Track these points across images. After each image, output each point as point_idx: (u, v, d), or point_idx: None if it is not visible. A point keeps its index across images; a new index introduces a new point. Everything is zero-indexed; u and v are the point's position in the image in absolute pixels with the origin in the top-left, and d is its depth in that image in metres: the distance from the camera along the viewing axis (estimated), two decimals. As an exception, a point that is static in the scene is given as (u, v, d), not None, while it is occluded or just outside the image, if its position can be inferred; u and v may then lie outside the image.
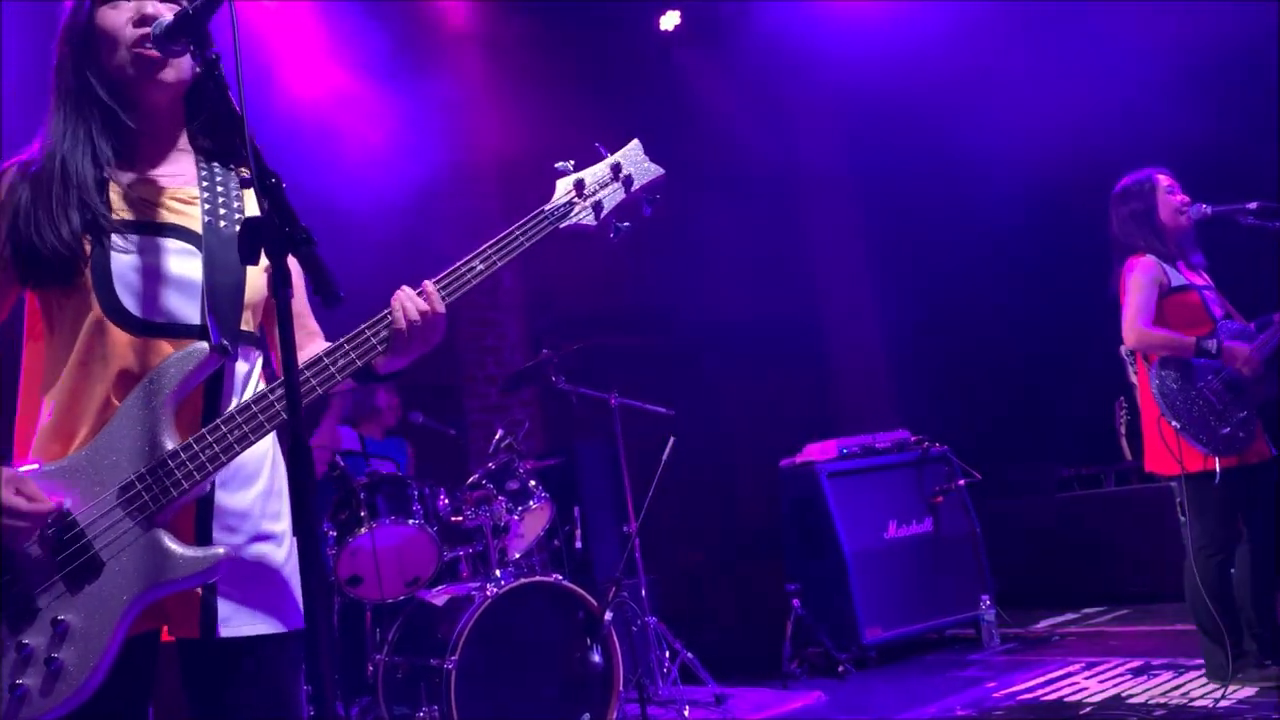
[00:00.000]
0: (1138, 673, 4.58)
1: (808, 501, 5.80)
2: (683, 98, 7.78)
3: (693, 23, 7.64)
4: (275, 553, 1.83)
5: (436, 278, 1.87)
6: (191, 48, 1.73)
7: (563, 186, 2.04)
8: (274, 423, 1.72)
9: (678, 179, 2.16)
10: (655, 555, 5.96)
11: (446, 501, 4.50)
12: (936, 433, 6.21)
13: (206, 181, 1.88)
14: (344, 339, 1.80)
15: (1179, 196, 4.20)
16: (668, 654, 5.10)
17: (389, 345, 1.80)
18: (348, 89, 5.86)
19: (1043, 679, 4.73)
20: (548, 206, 2.01)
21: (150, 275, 1.77)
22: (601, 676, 4.15)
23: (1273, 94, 5.71)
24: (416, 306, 1.80)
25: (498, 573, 4.22)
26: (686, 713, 4.74)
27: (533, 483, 4.64)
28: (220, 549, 1.69)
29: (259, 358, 1.91)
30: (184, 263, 1.80)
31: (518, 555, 4.67)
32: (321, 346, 1.84)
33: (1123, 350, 4.31)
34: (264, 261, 1.81)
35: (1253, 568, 4.02)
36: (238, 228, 1.81)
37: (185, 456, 1.68)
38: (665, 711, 4.84)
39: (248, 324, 1.85)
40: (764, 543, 7.51)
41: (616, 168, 2.08)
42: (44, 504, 1.63)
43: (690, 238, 7.78)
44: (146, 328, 1.75)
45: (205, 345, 1.74)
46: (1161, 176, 4.26)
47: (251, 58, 5.43)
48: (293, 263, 1.55)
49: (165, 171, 1.88)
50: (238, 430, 1.70)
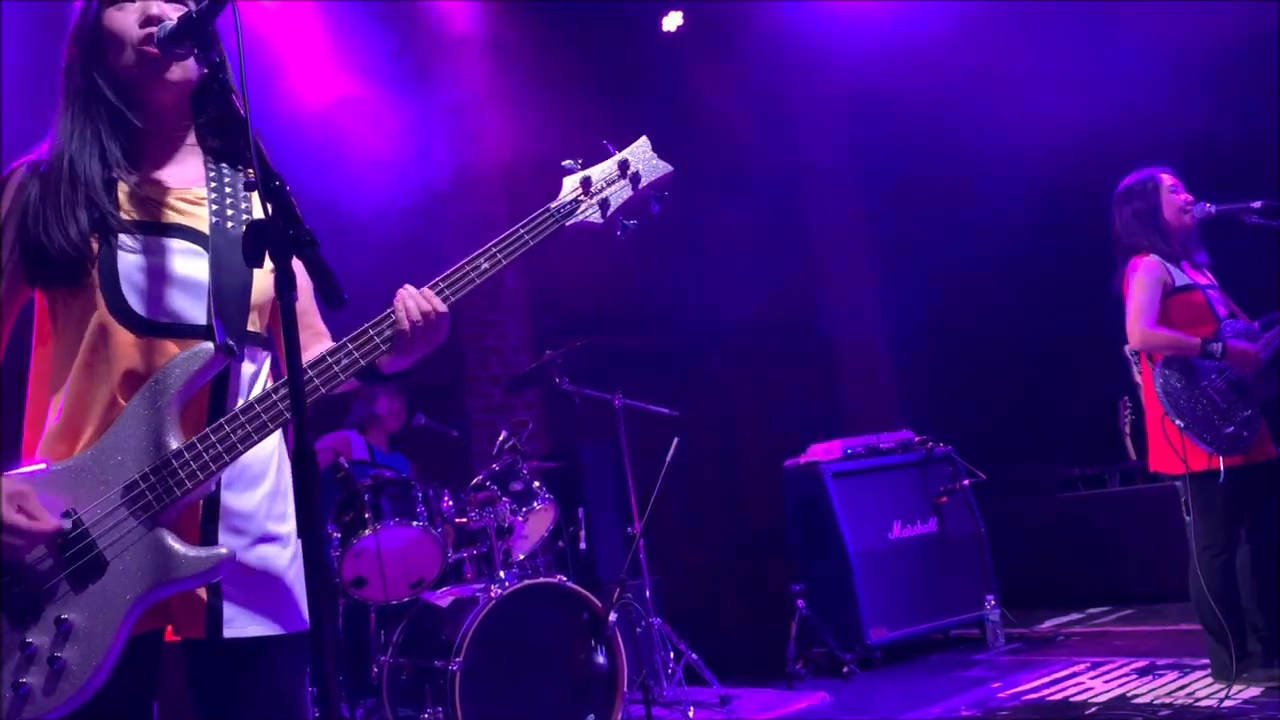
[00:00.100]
0: (1143, 673, 4.57)
1: (812, 502, 5.79)
2: (686, 98, 7.78)
3: (695, 23, 7.64)
4: (280, 554, 1.83)
5: (441, 276, 1.87)
6: (196, 50, 1.74)
7: (569, 184, 2.03)
8: (277, 422, 1.72)
9: (681, 179, 2.16)
10: (659, 556, 5.97)
11: (450, 503, 4.50)
12: (941, 433, 6.20)
13: (214, 182, 1.88)
14: (347, 338, 1.80)
15: (1182, 195, 4.19)
16: (672, 655, 5.09)
17: (392, 344, 1.80)
18: (352, 92, 5.86)
19: (1048, 679, 4.72)
20: (554, 204, 2.00)
21: (156, 275, 1.77)
22: (606, 678, 4.15)
23: (1274, 92, 5.71)
24: (419, 306, 1.80)
25: (502, 574, 4.22)
26: (691, 714, 4.74)
27: (537, 484, 4.64)
28: (223, 549, 1.69)
29: (266, 359, 1.91)
30: (190, 263, 1.80)
31: (522, 557, 4.66)
32: (325, 346, 1.84)
33: (1127, 350, 4.31)
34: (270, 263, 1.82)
35: (1257, 567, 4.01)
36: (245, 229, 1.81)
37: (189, 456, 1.68)
38: (670, 712, 4.84)
39: (254, 325, 1.85)
40: (768, 543, 7.51)
41: (624, 165, 2.07)
42: (44, 523, 1.62)
43: (694, 237, 7.78)
44: (152, 328, 1.75)
45: (210, 345, 1.74)
46: (1165, 175, 4.25)
47: (257, 61, 5.47)
48: (298, 265, 1.56)
49: (173, 172, 1.89)
50: (241, 430, 1.70)
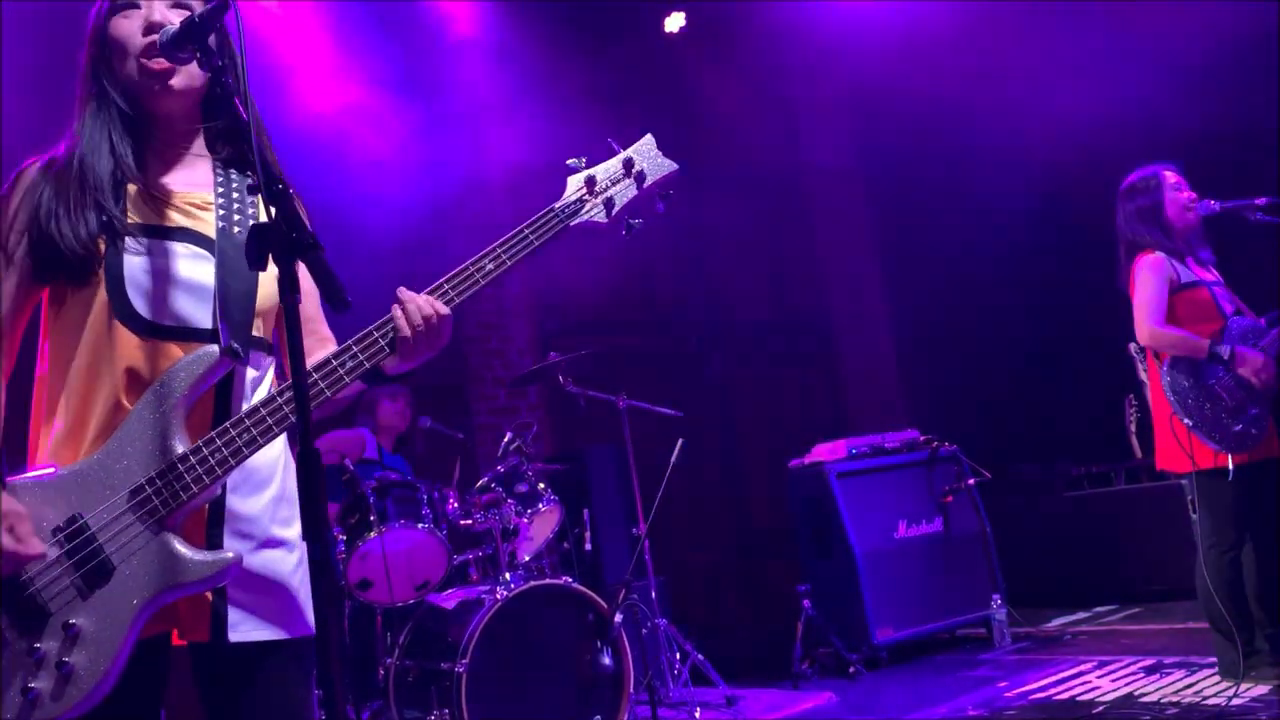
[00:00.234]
0: (1150, 671, 4.56)
1: (817, 502, 5.79)
2: (689, 98, 7.79)
3: (698, 23, 7.64)
4: (286, 559, 1.83)
5: (446, 277, 1.87)
6: (198, 55, 1.74)
7: (574, 183, 2.02)
8: (282, 426, 1.72)
9: (684, 179, 2.15)
10: (665, 557, 5.96)
11: (455, 505, 4.50)
12: (946, 432, 6.19)
13: (222, 187, 1.89)
14: (351, 341, 1.80)
15: (1186, 193, 4.18)
16: (678, 656, 5.09)
17: (396, 347, 1.80)
18: (357, 98, 5.87)
19: (1054, 678, 4.71)
20: (558, 204, 1.99)
21: (162, 278, 1.78)
22: (612, 679, 4.15)
23: (1275, 90, 5.70)
24: (420, 310, 1.80)
25: (507, 576, 4.22)
26: (697, 714, 4.74)
27: (541, 485, 4.64)
28: (229, 553, 1.69)
29: (271, 364, 1.92)
30: (196, 267, 1.81)
31: (527, 558, 4.67)
32: (332, 351, 1.84)
33: (1132, 347, 4.30)
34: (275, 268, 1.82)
35: (1264, 565, 4.00)
36: (248, 232, 1.82)
37: (194, 460, 1.68)
38: (676, 713, 4.84)
39: (260, 330, 1.86)
40: (773, 543, 7.52)
41: (629, 163, 2.06)
42: (31, 547, 1.62)
43: (697, 238, 7.79)
44: (156, 330, 1.76)
45: (216, 349, 1.74)
46: (1168, 173, 4.23)
47: (263, 68, 5.47)
48: (303, 269, 1.56)
49: (181, 177, 1.89)
50: (246, 434, 1.70)
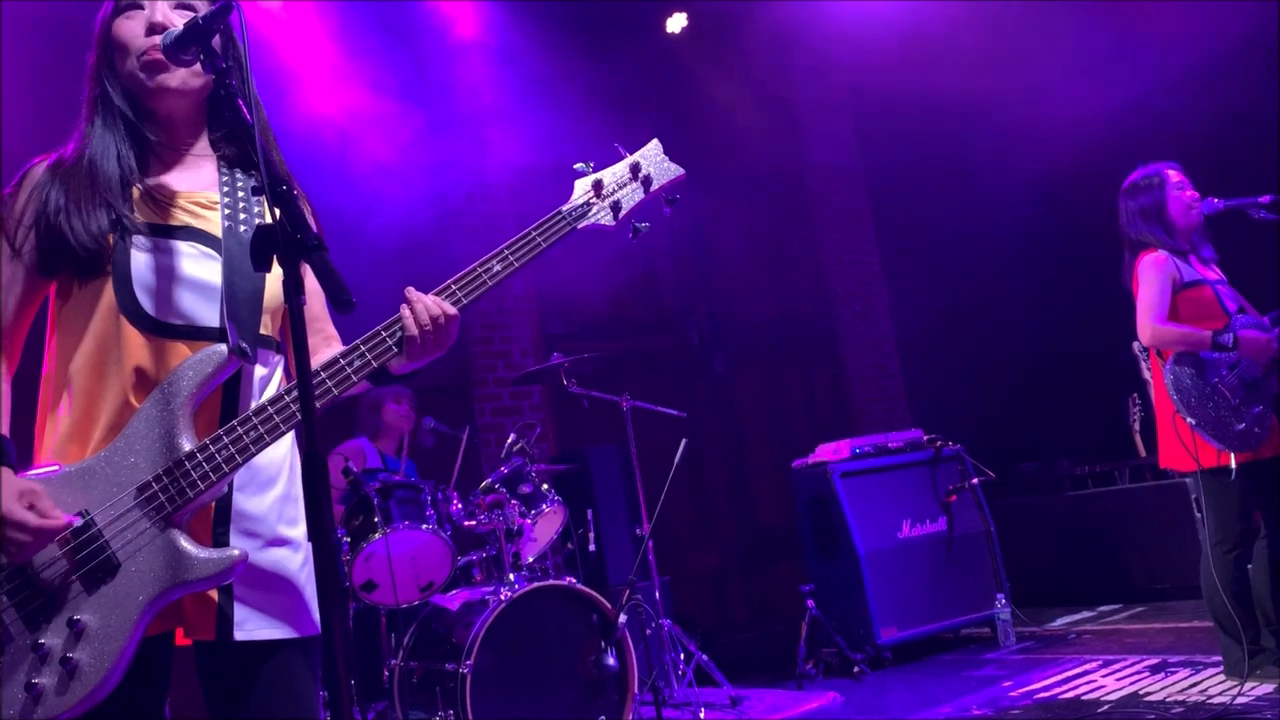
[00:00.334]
0: (1155, 670, 4.56)
1: (821, 502, 5.79)
2: (692, 99, 7.79)
3: (700, 24, 7.64)
4: (292, 558, 1.83)
5: (454, 278, 1.88)
6: (202, 57, 1.75)
7: (581, 187, 2.04)
8: (289, 424, 1.73)
9: (689, 180, 2.17)
10: (669, 558, 5.96)
11: (459, 506, 4.51)
12: (949, 431, 6.19)
13: (227, 187, 1.90)
14: (359, 341, 1.81)
15: (1189, 192, 4.17)
16: (682, 656, 5.09)
17: (404, 347, 1.81)
18: (361, 101, 5.88)
19: (1059, 677, 4.71)
20: (565, 207, 2.01)
21: (169, 277, 1.79)
22: (616, 679, 4.15)
23: (1275, 88, 5.70)
24: (428, 310, 1.81)
25: (511, 577, 4.22)
26: (702, 715, 4.74)
27: (545, 486, 4.65)
28: (235, 551, 1.69)
29: (278, 363, 1.93)
30: (203, 266, 1.82)
31: (531, 559, 4.67)
32: (337, 349, 1.85)
33: (1135, 346, 4.29)
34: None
35: (1270, 563, 4.00)
36: (252, 233, 1.83)
37: (202, 458, 1.69)
38: (680, 714, 4.83)
39: (266, 329, 1.86)
40: (777, 544, 7.52)
41: (635, 167, 2.08)
42: (54, 520, 1.62)
43: (700, 238, 7.79)
44: (163, 329, 1.77)
45: (224, 348, 1.74)
46: (1171, 171, 4.22)
47: (267, 72, 5.47)
48: (307, 270, 1.56)
49: (186, 176, 1.90)
50: (254, 432, 1.71)
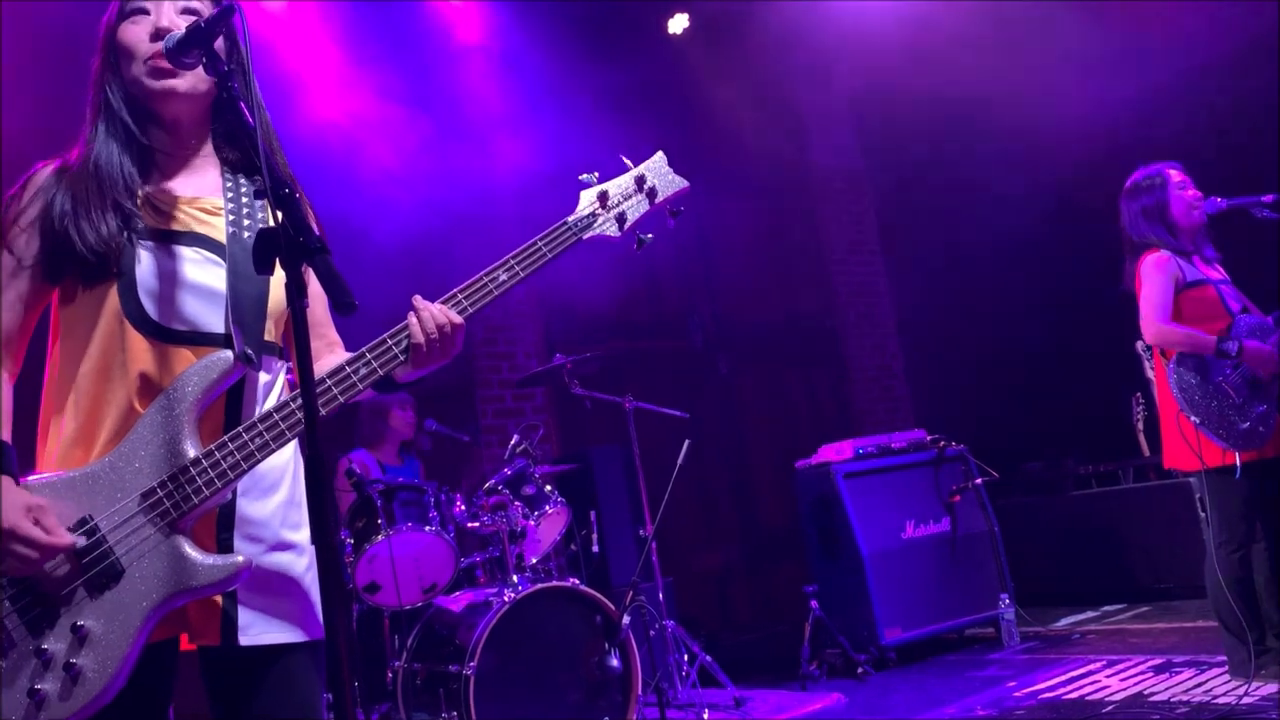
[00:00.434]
0: (1159, 670, 4.55)
1: (824, 502, 5.79)
2: (695, 100, 7.78)
3: (702, 25, 7.63)
4: (296, 562, 1.83)
5: (460, 287, 1.88)
6: (204, 60, 1.75)
7: (586, 198, 2.05)
8: (295, 430, 1.73)
9: (692, 181, 2.17)
10: (672, 558, 5.96)
11: (463, 508, 4.51)
12: (953, 432, 6.19)
13: (231, 193, 1.90)
14: (366, 348, 1.81)
15: (1191, 191, 4.17)
16: (686, 657, 5.09)
17: (410, 355, 1.81)
18: (365, 107, 5.88)
19: (1064, 677, 4.70)
20: (571, 218, 2.02)
21: (174, 282, 1.78)
22: (620, 680, 4.15)
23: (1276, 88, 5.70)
24: (434, 319, 1.81)
25: (515, 578, 4.22)
26: (706, 716, 4.73)
27: (548, 488, 4.65)
28: (240, 557, 1.69)
29: (281, 369, 1.93)
30: (208, 271, 1.81)
31: (534, 560, 4.67)
32: (342, 357, 1.85)
33: (1139, 346, 4.29)
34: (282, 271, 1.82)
35: (1274, 563, 3.99)
36: (255, 236, 1.83)
37: (207, 464, 1.68)
38: (684, 715, 4.83)
39: (270, 335, 1.86)
40: (781, 544, 7.52)
41: (640, 179, 2.09)
42: (60, 537, 1.62)
43: (704, 239, 7.79)
44: (168, 334, 1.76)
45: (229, 354, 1.74)
46: (1172, 171, 4.22)
47: (271, 78, 5.47)
48: (311, 275, 1.56)
49: (190, 182, 1.90)
50: (259, 438, 1.71)
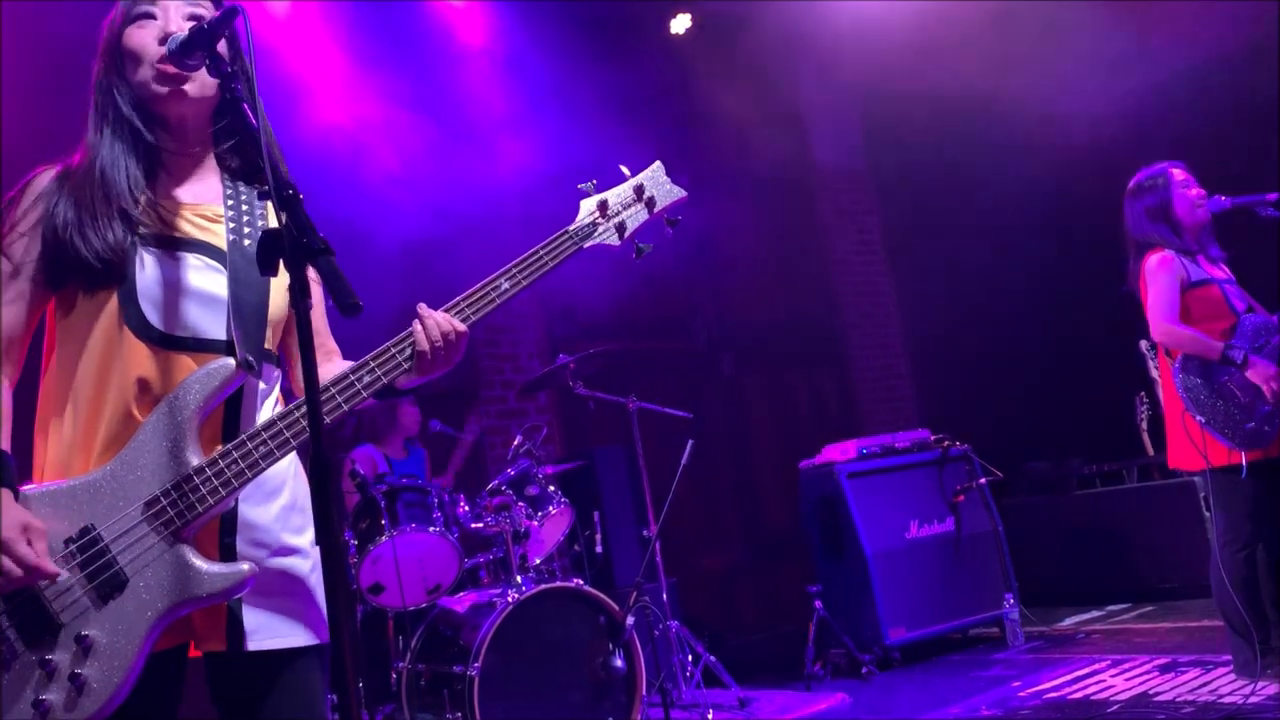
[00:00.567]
0: (1164, 670, 4.54)
1: (828, 502, 5.78)
2: (698, 102, 7.77)
3: (705, 26, 7.62)
4: (300, 566, 1.83)
5: (462, 295, 1.88)
6: (208, 62, 1.74)
7: (586, 207, 2.05)
8: (299, 439, 1.72)
9: (696, 181, 2.17)
10: (676, 559, 5.95)
11: (466, 508, 4.50)
12: (957, 431, 6.18)
13: (231, 200, 1.89)
14: (369, 356, 1.81)
15: (1195, 190, 4.16)
16: (690, 658, 5.08)
17: (414, 363, 1.81)
18: (368, 111, 5.87)
19: (1068, 677, 4.70)
20: (572, 226, 2.02)
21: (175, 289, 1.78)
22: (624, 681, 4.15)
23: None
24: (439, 327, 1.81)
25: (519, 579, 4.22)
26: (710, 716, 4.73)
27: (552, 488, 4.65)
28: (246, 565, 1.69)
29: (278, 378, 1.92)
30: (209, 278, 1.81)
31: (538, 561, 4.67)
32: (340, 364, 1.84)
33: (1143, 345, 4.28)
34: (285, 279, 1.82)
35: (1276, 564, 3.98)
36: (259, 237, 1.82)
37: (211, 472, 1.68)
38: (688, 715, 4.83)
39: (268, 343, 1.86)
40: (785, 544, 7.50)
41: (639, 189, 2.10)
42: (49, 565, 1.60)
43: (707, 239, 7.77)
44: (169, 341, 1.76)
45: (231, 361, 1.74)
46: (1176, 170, 4.20)
47: (273, 82, 5.46)
48: (311, 280, 1.55)
49: (192, 188, 1.90)
50: (263, 446, 1.71)
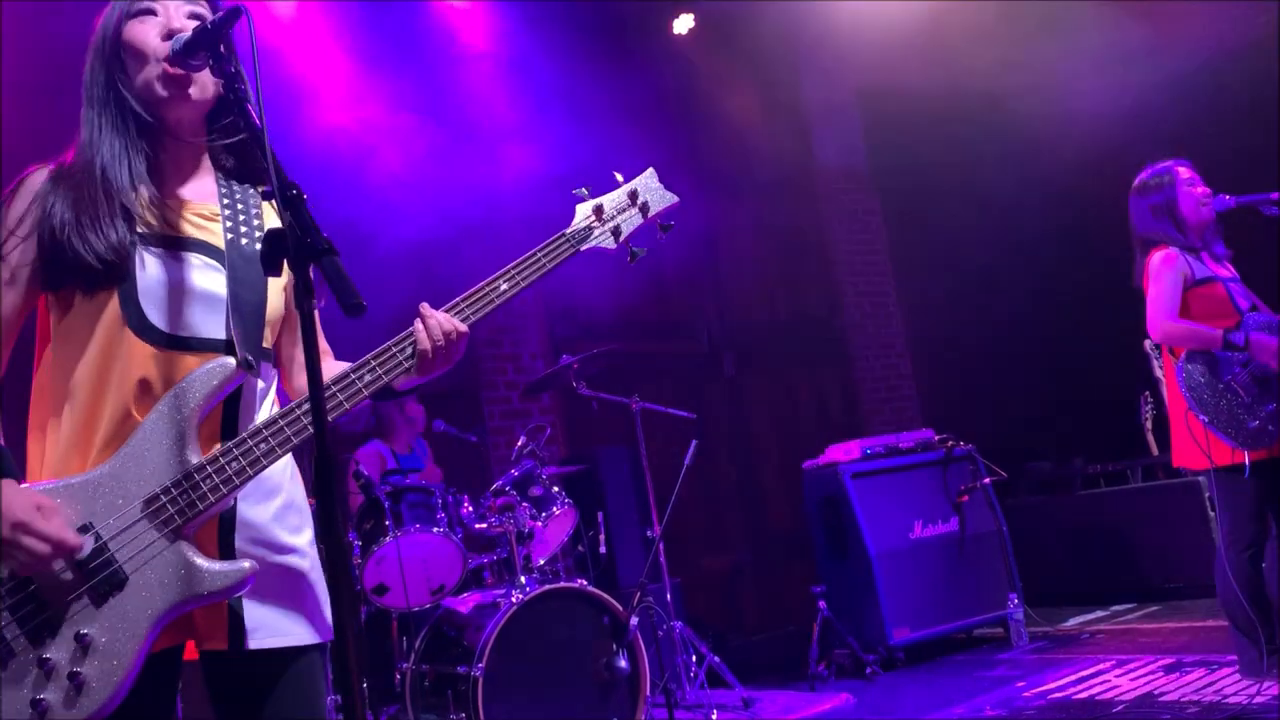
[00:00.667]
0: (1169, 670, 4.54)
1: (832, 503, 5.78)
2: (700, 101, 7.77)
3: (707, 26, 7.62)
4: (300, 564, 1.83)
5: (462, 296, 1.89)
6: (211, 62, 1.74)
7: (582, 211, 2.09)
8: (300, 437, 1.72)
9: (698, 181, 2.18)
10: (680, 559, 5.95)
11: (470, 509, 4.51)
12: (960, 431, 6.17)
13: (227, 199, 1.89)
14: (370, 356, 1.81)
15: (1200, 188, 4.15)
16: (694, 658, 5.08)
17: (415, 362, 1.81)
18: (370, 114, 5.88)
19: (1073, 677, 4.69)
20: (569, 230, 2.06)
21: (175, 289, 1.77)
22: (628, 682, 4.15)
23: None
24: (440, 326, 1.82)
25: (522, 579, 4.22)
26: (714, 717, 4.73)
27: (556, 489, 4.65)
28: (246, 563, 1.68)
29: (275, 377, 1.93)
30: (209, 277, 1.81)
31: (542, 561, 4.67)
32: (335, 364, 1.84)
33: (1148, 345, 4.28)
34: (284, 279, 1.82)
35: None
36: (259, 245, 1.82)
37: (212, 470, 1.68)
38: (692, 715, 4.83)
39: (266, 342, 1.86)
40: (789, 545, 7.50)
41: (633, 194, 2.15)
42: (72, 536, 1.59)
43: (710, 239, 7.77)
44: (170, 341, 1.75)
45: (232, 360, 1.74)
46: (1181, 168, 4.20)
47: (275, 85, 5.46)
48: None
49: (189, 187, 1.89)
50: (265, 444, 1.70)
